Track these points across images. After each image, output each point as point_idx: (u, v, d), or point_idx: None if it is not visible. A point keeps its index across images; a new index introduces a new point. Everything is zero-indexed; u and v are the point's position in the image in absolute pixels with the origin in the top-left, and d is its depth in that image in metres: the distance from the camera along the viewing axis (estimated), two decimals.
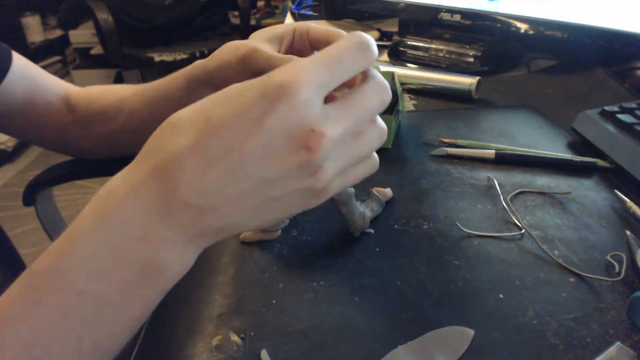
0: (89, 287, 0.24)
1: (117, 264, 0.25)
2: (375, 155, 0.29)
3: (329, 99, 0.25)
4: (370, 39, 0.26)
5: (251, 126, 0.24)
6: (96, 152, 0.60)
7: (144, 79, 2.83)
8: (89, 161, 0.64)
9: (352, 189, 0.44)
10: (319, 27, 0.39)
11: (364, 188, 0.50)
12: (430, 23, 1.02)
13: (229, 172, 0.24)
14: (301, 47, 0.41)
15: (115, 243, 0.25)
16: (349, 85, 0.28)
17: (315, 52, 0.39)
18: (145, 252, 0.25)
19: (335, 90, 0.26)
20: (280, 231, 0.47)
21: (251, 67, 0.38)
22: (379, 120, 0.29)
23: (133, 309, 0.26)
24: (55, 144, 0.61)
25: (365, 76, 0.28)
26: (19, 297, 0.25)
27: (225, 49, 0.41)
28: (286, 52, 0.41)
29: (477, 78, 0.75)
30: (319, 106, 0.24)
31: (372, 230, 0.47)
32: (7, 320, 0.24)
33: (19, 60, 0.54)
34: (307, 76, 0.24)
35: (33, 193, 0.70)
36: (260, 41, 0.40)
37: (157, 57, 2.37)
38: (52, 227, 0.74)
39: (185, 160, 0.24)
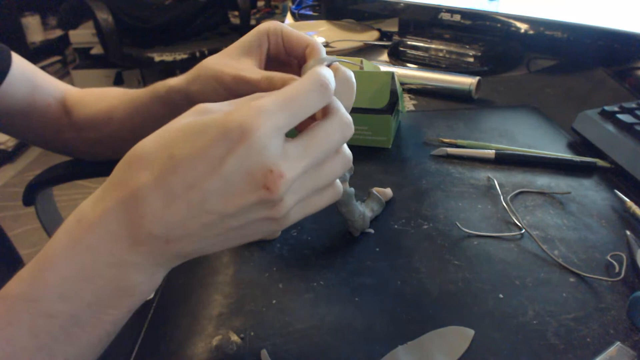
0: (59, 310, 0.26)
1: (86, 288, 0.26)
2: (339, 183, 0.30)
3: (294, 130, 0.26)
4: (329, 77, 0.27)
5: (212, 165, 0.24)
6: (90, 155, 0.61)
7: (144, 79, 2.83)
8: (88, 161, 0.64)
9: (352, 189, 0.44)
10: (292, 31, 0.38)
11: (364, 188, 0.50)
12: (430, 23, 1.02)
13: (191, 207, 0.25)
14: (276, 52, 0.39)
15: (85, 268, 0.26)
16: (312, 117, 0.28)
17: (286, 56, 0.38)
18: (114, 276, 0.26)
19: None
20: (280, 231, 0.47)
21: (239, 94, 0.36)
22: (344, 148, 0.29)
23: (103, 327, 0.27)
24: (54, 145, 0.61)
25: (328, 111, 0.28)
26: None
27: (206, 72, 0.39)
28: (266, 60, 0.39)
29: (477, 78, 0.75)
30: (278, 146, 0.25)
31: (372, 230, 0.47)
32: None
33: (18, 62, 0.54)
34: (266, 119, 0.24)
35: (33, 193, 0.70)
36: (236, 57, 0.38)
37: (157, 57, 2.37)
38: (52, 227, 0.74)
39: (148, 194, 0.25)
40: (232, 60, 0.38)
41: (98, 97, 0.58)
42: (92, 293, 0.26)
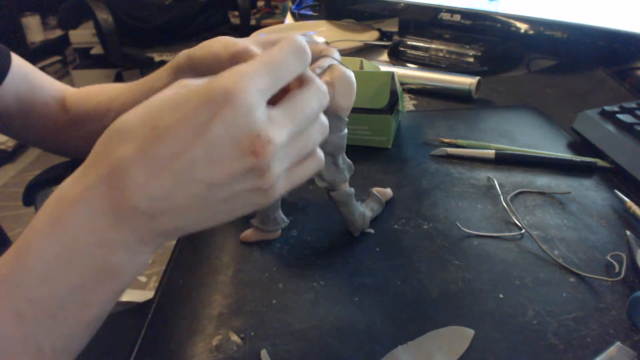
0: (42, 294, 0.25)
1: (69, 269, 0.25)
2: (320, 153, 0.30)
3: (269, 103, 0.26)
4: (304, 43, 0.28)
5: (197, 132, 0.24)
6: (87, 151, 0.60)
7: None
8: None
9: (352, 189, 0.44)
10: (314, 44, 0.39)
11: (364, 188, 0.50)
12: (430, 23, 1.02)
13: (176, 177, 0.24)
14: None
15: (67, 248, 0.25)
16: (285, 89, 0.29)
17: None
18: (97, 256, 0.25)
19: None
20: (280, 231, 0.47)
21: (239, 60, 0.37)
22: (321, 116, 0.29)
23: (89, 310, 0.26)
24: (52, 145, 0.61)
25: (304, 80, 0.29)
26: None
27: (216, 41, 0.41)
28: None
29: (477, 78, 0.75)
30: (263, 111, 0.25)
31: (372, 230, 0.47)
32: None
33: (18, 62, 0.54)
34: (250, 82, 0.24)
35: (33, 193, 0.70)
36: (252, 43, 0.40)
37: (157, 57, 2.38)
38: None
39: (131, 167, 0.24)
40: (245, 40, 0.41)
41: (97, 91, 0.58)
42: (75, 275, 0.25)
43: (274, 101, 0.27)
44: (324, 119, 0.29)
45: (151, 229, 0.26)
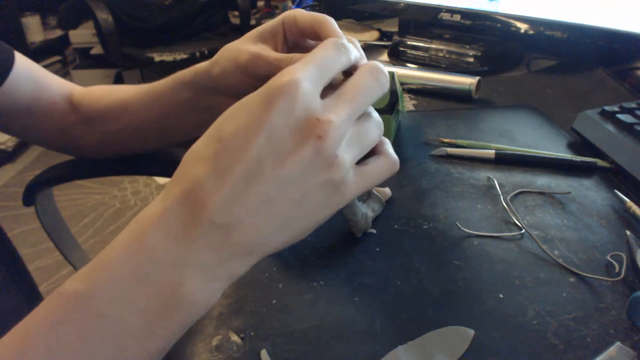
0: (111, 312, 0.24)
1: (140, 292, 0.25)
2: (393, 154, 0.30)
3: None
4: (342, 40, 0.29)
5: (257, 129, 0.24)
6: (98, 151, 0.60)
7: (144, 79, 2.83)
8: (89, 161, 0.64)
9: None
10: (304, 13, 0.39)
11: None
12: (430, 23, 1.02)
13: (247, 179, 0.24)
14: (293, 37, 0.40)
15: (141, 270, 0.25)
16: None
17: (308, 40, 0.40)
18: (170, 280, 0.25)
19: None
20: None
21: (255, 74, 0.38)
22: (374, 113, 0.30)
23: (154, 340, 0.26)
24: (57, 144, 0.61)
25: (356, 67, 0.29)
26: (45, 316, 0.25)
27: (225, 54, 0.41)
28: (282, 48, 0.40)
29: (477, 78, 0.75)
30: (317, 98, 0.26)
31: (374, 231, 0.47)
32: (30, 338, 0.24)
33: (22, 61, 0.54)
34: (300, 73, 0.25)
35: (33, 193, 0.69)
36: (254, 42, 0.40)
37: (157, 57, 2.37)
38: (52, 227, 0.74)
39: (206, 181, 0.25)
40: (249, 44, 0.40)
41: (108, 91, 0.58)
42: (145, 298, 0.25)
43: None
44: (376, 116, 0.30)
45: (228, 245, 0.25)
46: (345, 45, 0.29)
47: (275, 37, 0.40)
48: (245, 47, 0.40)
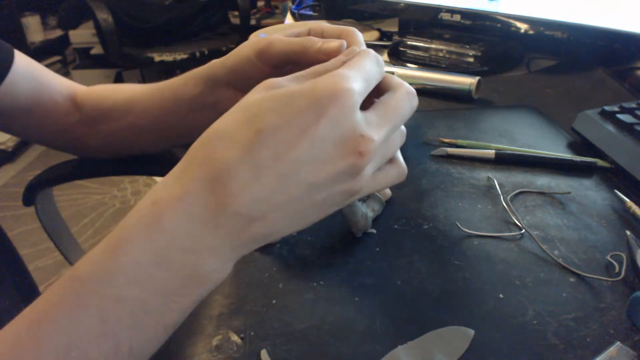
0: (129, 294, 0.24)
1: (160, 273, 0.25)
2: (402, 161, 0.31)
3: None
4: (377, 54, 0.30)
5: (303, 132, 0.24)
6: (100, 150, 0.60)
7: (144, 79, 2.83)
8: (89, 161, 0.64)
9: None
10: (332, 27, 0.39)
11: None
12: (430, 23, 1.02)
13: (281, 180, 0.25)
14: None
15: (161, 253, 0.25)
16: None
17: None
18: (189, 262, 0.25)
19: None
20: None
21: (269, 59, 0.38)
22: (402, 127, 0.31)
23: (170, 315, 0.26)
24: (58, 143, 0.61)
25: (391, 85, 0.30)
26: (59, 301, 0.25)
27: (244, 45, 0.41)
28: None
29: (477, 78, 0.75)
30: (360, 113, 0.26)
31: (374, 231, 0.47)
32: (46, 323, 0.24)
33: (22, 60, 0.54)
34: (352, 84, 0.25)
35: (33, 193, 0.69)
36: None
37: (157, 57, 2.37)
38: (52, 227, 0.74)
39: (237, 170, 0.24)
40: (269, 33, 0.43)
41: (113, 90, 0.58)
42: (164, 279, 0.25)
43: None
44: (402, 128, 0.30)
45: (246, 234, 0.26)
46: (380, 60, 0.29)
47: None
48: (266, 36, 0.40)
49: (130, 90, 0.55)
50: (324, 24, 0.40)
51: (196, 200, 0.25)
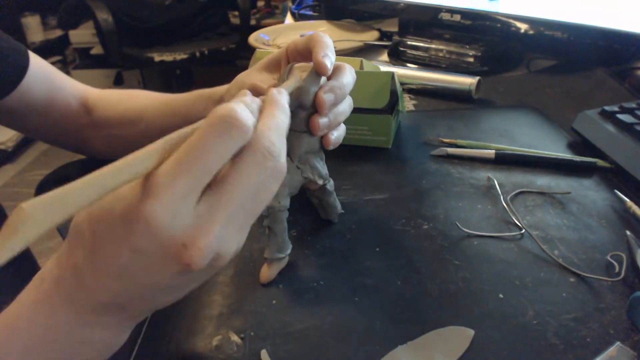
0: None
1: (52, 347, 0.26)
2: (282, 161, 0.25)
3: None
4: (235, 109, 0.23)
5: (122, 244, 0.23)
6: (109, 152, 0.61)
7: (144, 79, 2.83)
8: (98, 162, 0.64)
9: (332, 182, 0.45)
10: (302, 38, 0.40)
11: (364, 188, 0.50)
12: (430, 23, 1.02)
13: (123, 282, 0.25)
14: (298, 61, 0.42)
15: (50, 329, 0.26)
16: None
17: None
18: (80, 334, 0.26)
19: None
20: (287, 257, 0.43)
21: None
22: (277, 160, 0.25)
23: None
24: (72, 144, 0.62)
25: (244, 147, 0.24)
26: None
27: (235, 84, 0.46)
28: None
29: (477, 78, 0.75)
30: (188, 214, 0.22)
31: (342, 210, 0.48)
32: None
33: (37, 61, 0.55)
34: (162, 197, 0.22)
35: (44, 192, 0.69)
36: (259, 72, 0.44)
37: (157, 57, 2.37)
38: (64, 225, 0.74)
39: (83, 272, 0.25)
40: (255, 73, 0.45)
41: (124, 96, 0.59)
42: (56, 350, 0.26)
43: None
44: (280, 163, 0.25)
45: (127, 314, 0.27)
46: (240, 119, 0.23)
47: (280, 65, 0.43)
48: (250, 77, 0.44)
49: (143, 98, 0.57)
50: (296, 40, 0.41)
51: (70, 286, 0.26)
